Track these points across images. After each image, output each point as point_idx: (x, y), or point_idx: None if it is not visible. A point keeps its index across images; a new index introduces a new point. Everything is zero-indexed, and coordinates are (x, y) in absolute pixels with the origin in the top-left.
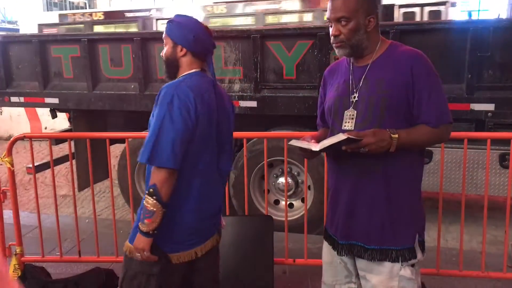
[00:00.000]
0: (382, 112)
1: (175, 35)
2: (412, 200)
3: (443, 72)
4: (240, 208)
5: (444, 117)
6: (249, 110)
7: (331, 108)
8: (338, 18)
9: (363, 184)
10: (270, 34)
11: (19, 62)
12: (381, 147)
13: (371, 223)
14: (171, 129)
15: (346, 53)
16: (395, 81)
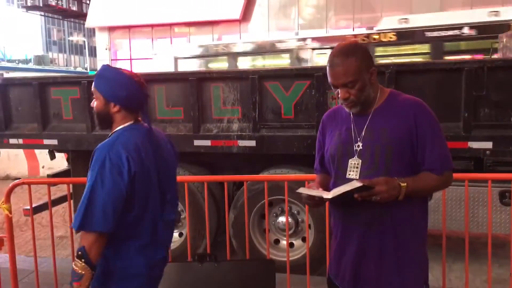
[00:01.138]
0: (388, 160)
1: (106, 92)
2: (420, 249)
3: (440, 111)
4: (240, 249)
5: (447, 164)
6: (248, 150)
7: (333, 156)
8: (344, 84)
9: (372, 233)
10: (268, 74)
11: (18, 104)
12: (392, 195)
13: (379, 270)
14: (101, 193)
15: (357, 110)
16: (398, 129)
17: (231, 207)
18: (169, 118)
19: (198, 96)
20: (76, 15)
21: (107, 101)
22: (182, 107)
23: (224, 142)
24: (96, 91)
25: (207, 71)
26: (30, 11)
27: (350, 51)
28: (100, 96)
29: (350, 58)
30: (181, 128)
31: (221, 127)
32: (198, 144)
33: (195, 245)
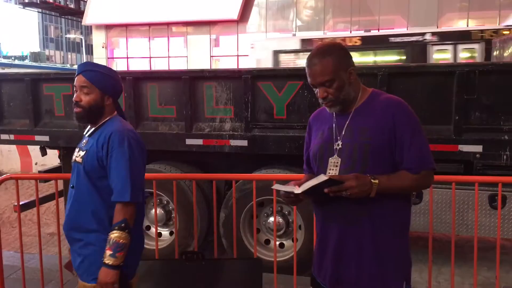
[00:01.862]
0: (365, 159)
1: (104, 86)
2: (400, 247)
3: (432, 113)
4: (230, 248)
5: (425, 164)
6: (240, 149)
7: (316, 154)
8: (322, 83)
9: (350, 232)
10: (261, 74)
11: (10, 100)
12: (363, 191)
13: (359, 273)
14: (135, 168)
15: (337, 110)
16: (377, 128)
17: (222, 207)
18: (162, 116)
19: (191, 95)
20: (74, 13)
21: (103, 94)
22: (174, 106)
23: (216, 141)
24: (92, 84)
25: (200, 70)
26: (27, 7)
27: (327, 51)
28: (95, 90)
29: (327, 58)
30: (173, 127)
31: (213, 126)
32: (190, 143)
33: (186, 244)
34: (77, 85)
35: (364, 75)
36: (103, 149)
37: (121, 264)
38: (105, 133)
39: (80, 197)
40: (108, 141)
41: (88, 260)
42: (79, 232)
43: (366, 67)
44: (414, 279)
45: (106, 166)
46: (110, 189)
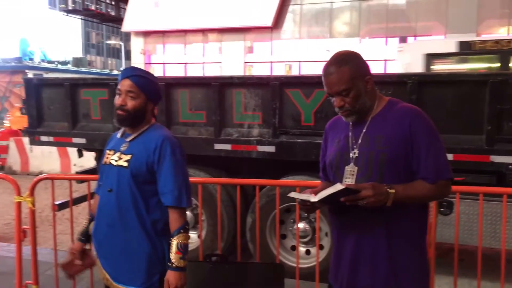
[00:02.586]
0: (381, 167)
1: (150, 92)
2: (417, 257)
3: (463, 123)
4: (256, 253)
5: (442, 173)
6: (267, 155)
7: (332, 163)
8: (338, 92)
9: (365, 241)
10: (289, 81)
11: (50, 104)
12: (379, 201)
13: (375, 280)
14: (186, 174)
15: (353, 119)
16: (393, 137)
17: (249, 211)
18: (192, 121)
19: (220, 101)
20: (114, 19)
21: (148, 100)
22: (204, 111)
23: (244, 146)
24: (138, 89)
25: (229, 77)
26: (70, 14)
27: (343, 60)
28: (141, 95)
29: (344, 67)
30: (202, 132)
31: (241, 132)
32: (218, 148)
33: (214, 247)
34: (123, 89)
35: (393, 83)
36: (155, 154)
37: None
38: (154, 139)
39: (122, 201)
40: (161, 147)
41: (134, 263)
42: (121, 236)
43: (395, 75)
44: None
45: (154, 171)
46: (152, 193)
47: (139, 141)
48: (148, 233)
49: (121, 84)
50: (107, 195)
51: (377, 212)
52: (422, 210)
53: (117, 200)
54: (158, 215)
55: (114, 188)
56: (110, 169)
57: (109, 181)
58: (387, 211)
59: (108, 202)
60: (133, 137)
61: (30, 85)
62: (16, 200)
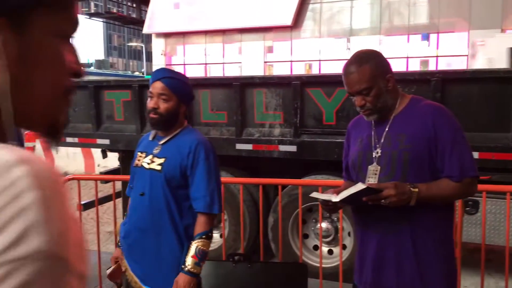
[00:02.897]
0: (404, 166)
1: (182, 93)
2: (443, 254)
3: (488, 121)
4: (278, 252)
5: (467, 171)
6: (289, 155)
7: (354, 162)
8: (359, 91)
9: (389, 240)
10: (310, 81)
11: (75, 105)
12: (402, 200)
13: (400, 279)
14: (219, 180)
15: (375, 118)
16: (416, 135)
17: (271, 211)
18: (213, 121)
19: (241, 101)
20: (135, 22)
21: (179, 101)
22: (225, 111)
23: (266, 146)
24: (171, 92)
25: (250, 77)
26: (93, 17)
27: (364, 59)
28: (173, 97)
29: (364, 65)
30: (224, 132)
31: (262, 132)
32: (240, 148)
33: (236, 247)
34: (155, 91)
35: (416, 81)
36: (189, 159)
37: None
38: (188, 143)
39: (155, 205)
40: (195, 152)
41: (166, 267)
42: (154, 240)
43: (418, 73)
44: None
45: (188, 175)
46: (185, 197)
47: (172, 144)
48: (180, 237)
49: (153, 87)
50: (138, 198)
51: (401, 211)
52: (448, 208)
53: (149, 204)
54: (191, 220)
55: (146, 192)
56: (142, 172)
57: (140, 185)
58: (411, 210)
59: (140, 205)
60: (166, 140)
61: None
62: None
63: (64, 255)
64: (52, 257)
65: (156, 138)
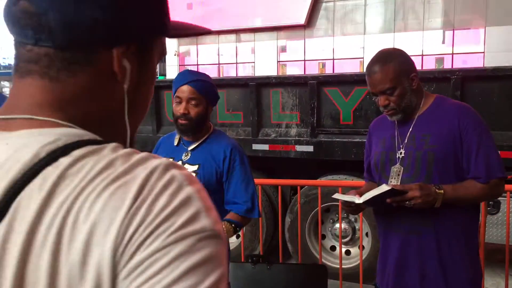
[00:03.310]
0: (429, 167)
1: (210, 96)
2: (468, 256)
3: (509, 119)
4: (295, 253)
5: (494, 173)
6: (306, 155)
7: (377, 163)
8: (383, 91)
9: (412, 242)
10: (327, 80)
11: None
12: (427, 202)
13: (423, 281)
14: (254, 183)
15: (399, 118)
16: (442, 136)
17: (288, 211)
18: (229, 122)
19: (258, 101)
20: None
21: (208, 104)
22: (241, 112)
23: (282, 146)
24: (201, 95)
25: (266, 77)
26: None
27: (388, 58)
28: (203, 101)
29: (388, 65)
30: (240, 132)
31: (279, 132)
32: (256, 148)
33: (252, 248)
34: (184, 96)
35: (436, 79)
36: (224, 164)
37: None
38: (222, 148)
39: None
40: (230, 157)
41: None
42: None
43: (438, 71)
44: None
45: (224, 181)
46: (220, 202)
47: (204, 150)
48: None
49: (181, 91)
50: None
51: (424, 212)
52: (473, 209)
53: None
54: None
55: None
56: None
57: None
58: (436, 211)
59: None
60: (195, 146)
61: None
62: None
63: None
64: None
65: (182, 143)
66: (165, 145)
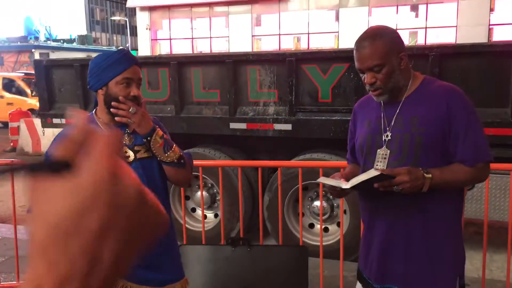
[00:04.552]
0: (416, 150)
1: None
2: (453, 240)
3: (487, 96)
4: (273, 232)
5: (481, 156)
6: (284, 133)
7: (362, 146)
8: (370, 68)
9: (398, 227)
10: (305, 57)
11: (61, 85)
12: (415, 186)
13: (408, 265)
14: None
15: (385, 99)
16: (430, 118)
17: (266, 190)
18: (206, 100)
19: (235, 79)
20: None
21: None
22: (218, 90)
23: (260, 125)
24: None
25: (243, 53)
26: None
27: (378, 34)
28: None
29: (378, 41)
30: (217, 111)
31: (257, 110)
32: (234, 127)
33: (230, 227)
34: (136, 77)
35: (414, 56)
36: None
37: None
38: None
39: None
40: None
41: (176, 261)
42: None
43: (416, 47)
44: (466, 266)
45: None
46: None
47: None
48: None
49: (132, 72)
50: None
51: (410, 197)
52: (458, 193)
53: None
54: None
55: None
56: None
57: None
58: (423, 196)
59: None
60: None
61: (40, 67)
62: None
63: None
64: None
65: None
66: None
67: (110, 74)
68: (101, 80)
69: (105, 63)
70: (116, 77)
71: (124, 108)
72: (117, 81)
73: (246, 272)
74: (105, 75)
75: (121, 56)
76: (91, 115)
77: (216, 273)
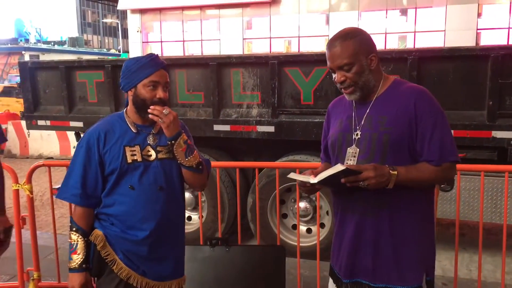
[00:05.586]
0: (384, 149)
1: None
2: (421, 238)
3: (464, 99)
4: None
5: (447, 156)
6: (267, 135)
7: (334, 144)
8: (340, 66)
9: (367, 223)
10: (288, 60)
11: (46, 87)
12: (381, 183)
13: (376, 261)
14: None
15: (357, 97)
16: (398, 118)
17: (250, 192)
18: (190, 102)
19: (218, 81)
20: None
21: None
22: (202, 92)
23: (243, 127)
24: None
25: (227, 56)
26: None
27: (349, 34)
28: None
29: (348, 41)
30: (201, 113)
31: (240, 112)
32: (217, 129)
33: (214, 228)
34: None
35: (393, 59)
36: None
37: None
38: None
39: (174, 199)
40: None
41: (181, 259)
42: (174, 234)
43: (395, 51)
44: (445, 267)
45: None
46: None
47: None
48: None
49: (159, 75)
50: (157, 193)
51: (380, 194)
52: (427, 191)
53: (169, 198)
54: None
55: (164, 186)
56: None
57: (155, 178)
58: (390, 193)
59: (159, 199)
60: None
61: (25, 68)
62: (13, 187)
63: None
64: None
65: (139, 128)
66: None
67: (138, 77)
68: (131, 82)
69: (134, 66)
70: (143, 80)
71: (159, 108)
72: (144, 84)
73: (224, 272)
74: (134, 77)
75: (149, 60)
76: (122, 114)
77: (195, 273)
